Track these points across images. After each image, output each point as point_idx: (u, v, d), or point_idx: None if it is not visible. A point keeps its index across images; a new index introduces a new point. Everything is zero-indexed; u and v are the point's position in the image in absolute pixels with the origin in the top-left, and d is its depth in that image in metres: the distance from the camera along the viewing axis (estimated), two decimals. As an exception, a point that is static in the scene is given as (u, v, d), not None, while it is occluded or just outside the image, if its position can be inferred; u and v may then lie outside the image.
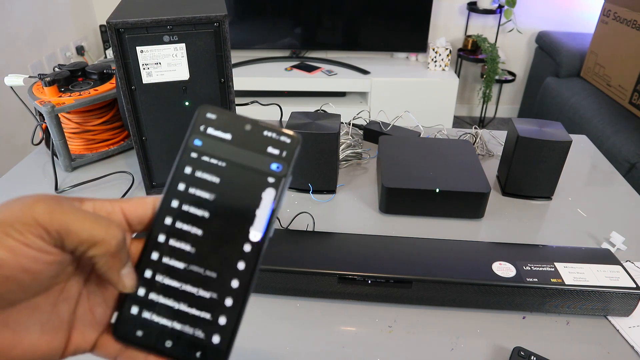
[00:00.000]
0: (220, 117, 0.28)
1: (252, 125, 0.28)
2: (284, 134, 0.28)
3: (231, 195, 0.28)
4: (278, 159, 0.28)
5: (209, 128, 0.28)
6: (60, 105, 0.82)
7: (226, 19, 0.70)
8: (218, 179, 0.28)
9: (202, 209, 0.28)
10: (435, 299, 0.60)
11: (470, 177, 0.78)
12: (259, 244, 0.27)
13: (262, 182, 0.28)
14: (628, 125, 1.84)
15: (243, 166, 0.28)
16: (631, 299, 0.58)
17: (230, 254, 0.27)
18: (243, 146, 0.28)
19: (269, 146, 0.28)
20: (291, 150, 0.28)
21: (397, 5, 2.47)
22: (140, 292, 0.27)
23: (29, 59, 2.10)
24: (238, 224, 0.27)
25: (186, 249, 0.28)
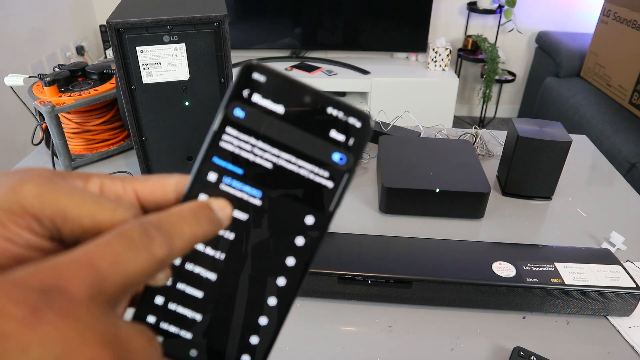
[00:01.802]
0: (272, 81, 0.21)
1: (313, 97, 0.21)
2: (354, 113, 0.21)
3: (277, 191, 0.22)
4: (342, 148, 0.21)
5: (255, 94, 0.21)
6: (60, 105, 0.82)
7: (226, 19, 0.70)
8: (264, 168, 0.22)
9: (239, 207, 0.22)
10: (435, 299, 0.60)
11: (470, 177, 0.78)
12: (306, 255, 0.22)
13: (320, 177, 0.22)
14: (628, 125, 1.84)
15: (297, 152, 0.21)
16: (631, 299, 0.58)
17: (271, 266, 0.22)
18: (299, 125, 0.21)
19: (332, 129, 0.21)
20: (361, 137, 0.21)
21: (397, 5, 2.47)
22: (158, 300, 0.22)
23: (29, 59, 2.10)
24: (283, 230, 0.22)
25: (216, 255, 0.22)
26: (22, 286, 0.15)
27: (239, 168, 0.22)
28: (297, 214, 0.22)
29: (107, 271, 0.17)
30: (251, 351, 0.23)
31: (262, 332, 0.23)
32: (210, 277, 0.22)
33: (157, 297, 0.22)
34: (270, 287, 0.23)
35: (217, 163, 0.22)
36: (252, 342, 0.23)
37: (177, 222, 0.20)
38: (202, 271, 0.22)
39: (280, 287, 0.23)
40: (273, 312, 0.23)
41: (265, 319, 0.23)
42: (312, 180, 0.22)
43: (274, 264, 0.22)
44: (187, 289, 0.22)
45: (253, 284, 0.22)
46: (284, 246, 0.22)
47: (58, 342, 0.15)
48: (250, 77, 0.21)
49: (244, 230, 0.22)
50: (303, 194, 0.22)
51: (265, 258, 0.22)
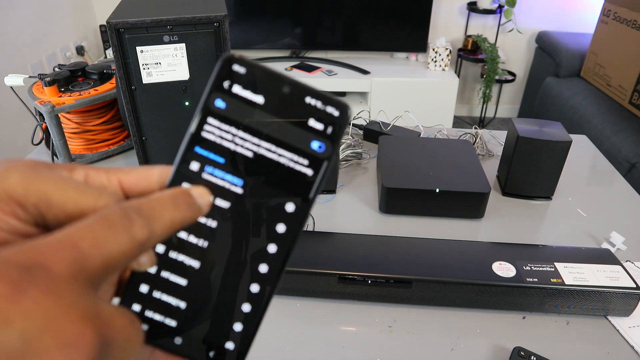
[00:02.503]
0: (251, 72, 0.22)
1: (292, 88, 0.22)
2: (333, 103, 0.22)
3: (258, 179, 0.22)
4: (321, 136, 0.22)
5: (236, 85, 0.22)
6: (60, 105, 0.82)
7: (226, 19, 0.70)
8: (245, 157, 0.22)
9: (221, 196, 0.22)
10: (435, 299, 0.60)
11: (470, 177, 0.78)
12: (287, 242, 0.23)
13: (299, 165, 0.22)
14: (628, 125, 1.84)
15: (277, 141, 0.22)
16: (631, 299, 0.58)
17: (253, 252, 0.23)
18: (278, 115, 0.22)
19: (311, 118, 0.22)
20: (339, 126, 0.22)
21: (397, 5, 2.47)
22: (143, 288, 0.23)
23: (29, 59, 2.10)
24: (264, 217, 0.23)
25: (199, 243, 0.23)
26: (4, 263, 0.16)
27: (220, 157, 0.22)
28: (278, 202, 0.22)
29: (88, 251, 0.17)
30: (235, 338, 0.23)
31: (245, 319, 0.23)
32: (193, 264, 0.23)
33: (142, 285, 0.23)
34: (253, 274, 0.23)
35: (199, 153, 0.22)
36: (236, 330, 0.23)
37: (157, 206, 0.20)
38: (185, 259, 0.23)
39: (262, 274, 0.23)
40: (256, 299, 0.23)
41: (249, 306, 0.23)
42: (292, 169, 0.22)
43: (256, 251, 0.23)
44: (171, 277, 0.23)
45: (236, 271, 0.23)
46: (266, 233, 0.23)
47: (40, 316, 0.15)
48: (230, 68, 0.22)
49: (226, 218, 0.23)
50: (283, 181, 0.22)
51: (247, 245, 0.23)
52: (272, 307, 0.23)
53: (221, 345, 0.23)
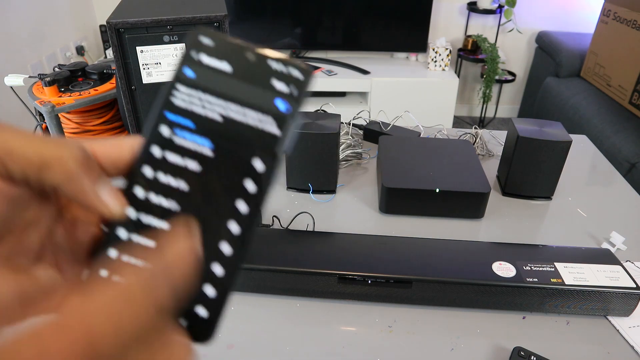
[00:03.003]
0: (217, 42, 0.24)
1: (255, 54, 0.24)
2: (295, 65, 0.24)
3: (227, 139, 0.23)
4: (285, 96, 0.24)
5: (203, 55, 0.24)
6: (60, 105, 0.82)
7: (226, 19, 0.70)
8: (213, 120, 0.24)
9: (188, 156, 0.23)
10: (435, 299, 0.60)
11: (470, 177, 0.78)
12: (256, 200, 0.23)
13: (266, 124, 0.23)
14: (628, 125, 1.84)
15: (243, 103, 0.24)
16: (631, 299, 0.58)
17: (222, 212, 0.23)
18: (244, 79, 0.24)
19: (275, 80, 0.24)
20: (301, 86, 0.24)
21: (397, 5, 2.47)
22: (112, 254, 0.23)
23: (29, 59, 2.10)
24: (233, 176, 0.23)
25: (167, 205, 0.23)
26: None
27: (189, 121, 0.24)
28: (247, 161, 0.23)
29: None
30: (207, 303, 0.23)
31: (217, 283, 0.23)
32: (164, 227, 0.23)
33: (111, 250, 0.23)
34: (224, 233, 0.23)
35: (170, 118, 0.24)
36: (207, 293, 0.23)
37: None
38: (156, 222, 0.23)
39: (233, 234, 0.23)
40: (227, 260, 0.23)
41: (220, 267, 0.23)
42: (258, 127, 0.23)
43: (227, 210, 0.23)
44: (141, 240, 0.23)
45: (207, 232, 0.23)
46: (236, 192, 0.23)
47: None
48: (198, 41, 0.24)
49: (195, 179, 0.23)
50: (251, 140, 0.23)
51: (218, 205, 0.23)
52: (272, 307, 0.23)
53: (191, 310, 0.23)
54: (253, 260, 0.60)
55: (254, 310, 0.60)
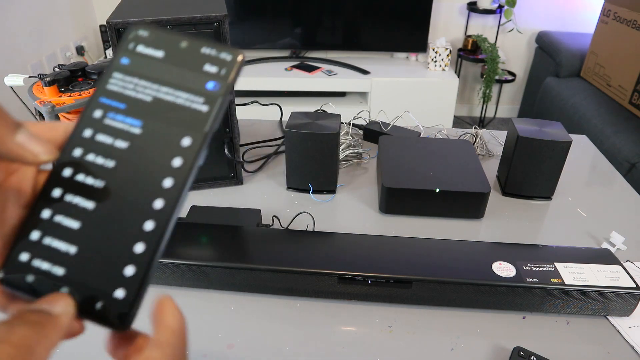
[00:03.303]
0: (153, 35, 0.26)
1: (188, 42, 0.25)
2: (224, 50, 0.25)
3: (157, 119, 0.24)
4: (215, 77, 0.25)
5: (140, 46, 0.25)
6: (60, 105, 0.82)
7: (226, 19, 0.70)
8: (145, 102, 0.25)
9: (120, 137, 0.24)
10: (435, 299, 0.60)
11: (470, 177, 0.78)
12: (183, 176, 0.24)
13: (196, 104, 0.25)
14: (628, 125, 1.84)
15: (174, 85, 0.25)
16: (631, 299, 0.58)
17: (148, 189, 0.24)
18: (176, 64, 0.25)
19: (206, 64, 0.25)
20: (231, 67, 0.25)
21: (397, 5, 2.47)
22: (34, 236, 0.23)
23: (29, 59, 2.10)
24: (161, 153, 0.24)
25: (96, 184, 0.24)
26: None
27: (121, 104, 0.25)
28: (175, 138, 0.24)
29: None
30: (126, 284, 0.23)
31: (137, 261, 0.23)
32: (88, 206, 0.24)
33: (34, 232, 0.23)
34: (148, 210, 0.23)
35: (103, 102, 0.25)
36: (127, 274, 0.23)
37: None
38: (81, 201, 0.24)
39: (157, 210, 0.23)
40: (149, 237, 0.23)
41: (142, 245, 0.23)
42: (188, 107, 0.24)
43: (152, 186, 0.24)
44: (64, 220, 0.23)
45: (131, 209, 0.23)
46: (162, 169, 0.24)
47: None
48: (136, 33, 0.26)
49: (124, 157, 0.24)
50: (180, 119, 0.24)
51: (144, 182, 0.24)
52: (272, 307, 0.23)
53: (109, 294, 0.23)
54: (253, 260, 0.60)
55: (254, 310, 0.60)
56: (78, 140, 0.24)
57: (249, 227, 0.68)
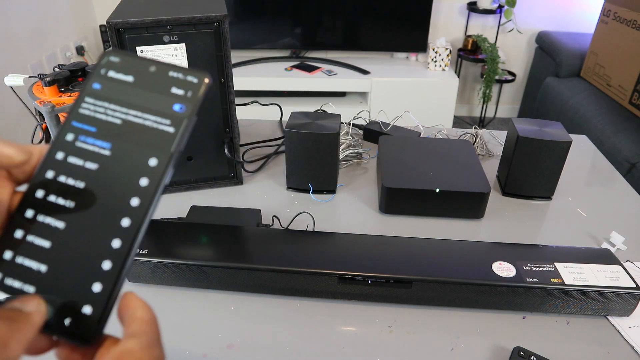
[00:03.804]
0: (124, 60, 0.27)
1: (156, 67, 0.27)
2: (190, 73, 0.26)
3: (125, 141, 0.25)
4: (182, 100, 0.26)
5: (111, 71, 0.27)
6: (60, 105, 0.82)
7: (226, 19, 0.70)
8: (114, 124, 0.26)
9: (91, 159, 0.25)
10: (435, 299, 0.60)
11: (470, 177, 0.78)
12: (149, 195, 0.25)
13: (163, 125, 0.26)
14: (628, 125, 1.84)
15: (143, 108, 0.26)
16: (631, 299, 0.58)
17: (116, 208, 0.25)
18: (145, 88, 0.26)
19: (172, 87, 0.26)
20: (197, 90, 0.26)
21: (397, 5, 2.47)
22: (7, 255, 0.24)
23: (29, 59, 2.10)
24: (129, 174, 0.25)
25: (67, 204, 0.25)
26: None
27: (92, 127, 0.26)
28: (142, 158, 0.25)
29: None
30: (93, 300, 0.24)
31: (105, 278, 0.24)
32: (59, 226, 0.24)
33: (7, 252, 0.24)
34: (115, 229, 0.24)
35: (75, 125, 0.26)
36: (95, 290, 0.24)
37: None
38: (52, 221, 0.25)
39: (124, 228, 0.24)
40: (117, 255, 0.24)
41: (109, 263, 0.24)
42: (155, 128, 0.26)
43: (120, 205, 0.25)
44: (36, 240, 0.24)
45: (98, 228, 0.24)
46: (129, 188, 0.25)
47: None
48: (108, 59, 0.27)
49: (94, 178, 0.25)
50: (148, 140, 0.25)
51: (111, 201, 0.25)
52: (272, 307, 0.23)
53: (78, 310, 0.23)
54: (253, 260, 0.60)
55: (254, 310, 0.60)
56: (51, 163, 0.25)
57: (249, 227, 0.68)
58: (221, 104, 0.77)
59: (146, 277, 0.62)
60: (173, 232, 0.65)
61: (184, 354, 0.55)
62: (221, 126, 0.79)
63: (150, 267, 0.61)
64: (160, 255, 0.61)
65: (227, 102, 0.77)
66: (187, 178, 0.83)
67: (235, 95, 0.77)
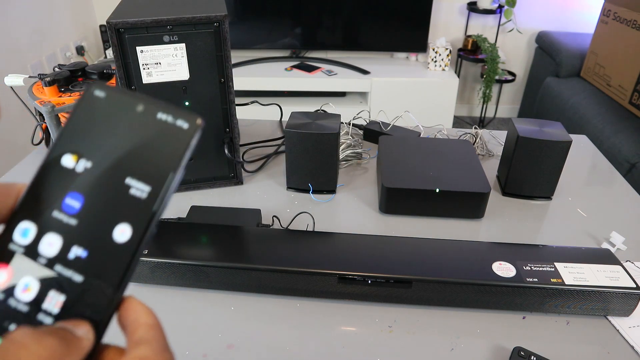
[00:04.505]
0: (110, 96, 0.24)
1: (145, 106, 0.24)
2: (182, 116, 0.24)
3: (99, 201, 0.24)
4: (168, 149, 0.24)
5: (94, 108, 0.25)
6: (60, 105, 0.82)
7: (226, 19, 0.70)
8: (91, 173, 0.24)
9: (68, 212, 0.24)
10: (435, 299, 0.60)
11: (470, 177, 0.78)
12: (131, 258, 0.23)
13: (139, 186, 0.24)
14: (628, 125, 1.84)
15: (124, 156, 0.24)
16: (631, 299, 0.58)
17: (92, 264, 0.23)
18: (128, 133, 0.24)
19: (159, 132, 0.24)
20: (187, 137, 0.24)
21: (397, 5, 2.47)
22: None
23: (29, 59, 2.10)
24: (107, 228, 0.23)
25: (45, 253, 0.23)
26: None
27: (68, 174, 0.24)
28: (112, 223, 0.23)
29: None
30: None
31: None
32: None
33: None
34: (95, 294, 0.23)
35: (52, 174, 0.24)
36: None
37: None
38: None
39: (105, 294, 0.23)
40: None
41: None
42: (133, 187, 0.23)
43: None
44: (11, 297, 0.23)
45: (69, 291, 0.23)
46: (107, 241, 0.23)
47: None
48: (92, 93, 0.25)
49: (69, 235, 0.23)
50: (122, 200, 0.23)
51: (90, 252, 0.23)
52: (272, 307, 0.23)
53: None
54: (253, 260, 0.60)
55: (254, 310, 0.60)
56: (26, 206, 0.24)
57: (249, 227, 0.68)
58: (221, 104, 0.77)
59: (146, 277, 0.62)
60: (173, 232, 0.65)
61: (184, 354, 0.55)
62: (221, 126, 0.79)
63: (150, 267, 0.61)
64: (160, 255, 0.61)
65: (227, 102, 0.77)
66: (187, 178, 0.83)
67: (235, 95, 0.77)
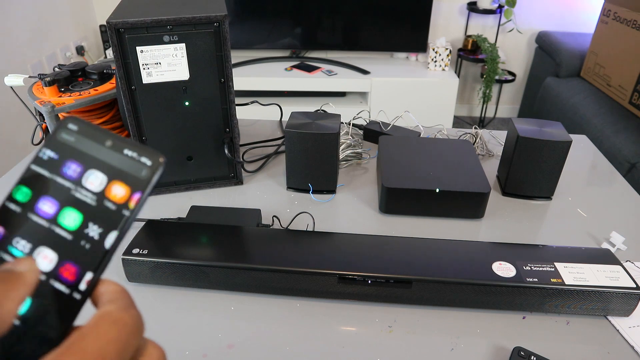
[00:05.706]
0: (82, 129, 0.26)
1: (113, 142, 0.26)
2: (146, 153, 0.26)
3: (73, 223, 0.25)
4: (133, 182, 0.26)
5: (67, 139, 0.26)
6: (60, 105, 0.82)
7: (226, 19, 0.70)
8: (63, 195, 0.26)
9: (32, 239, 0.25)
10: (435, 299, 0.60)
11: (470, 177, 0.78)
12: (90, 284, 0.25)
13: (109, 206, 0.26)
14: (628, 125, 1.84)
15: (91, 185, 0.26)
16: (631, 299, 0.58)
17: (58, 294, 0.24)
18: (96, 164, 0.26)
19: (125, 167, 0.26)
20: (150, 173, 0.25)
21: (397, 5, 2.47)
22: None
23: (29, 59, 2.10)
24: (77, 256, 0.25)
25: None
26: None
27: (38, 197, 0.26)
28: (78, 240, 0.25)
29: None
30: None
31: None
32: None
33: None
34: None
35: (19, 199, 0.26)
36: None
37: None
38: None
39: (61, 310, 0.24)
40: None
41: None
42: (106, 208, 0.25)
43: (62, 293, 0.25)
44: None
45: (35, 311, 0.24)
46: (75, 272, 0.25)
47: None
48: (66, 126, 0.26)
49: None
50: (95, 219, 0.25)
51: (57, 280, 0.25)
52: (272, 307, 0.23)
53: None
54: (253, 260, 0.60)
55: (254, 310, 0.60)
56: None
57: (249, 227, 0.68)
58: (221, 104, 0.77)
59: (146, 277, 0.62)
60: (173, 232, 0.65)
61: (184, 354, 0.55)
62: (221, 126, 0.79)
63: (150, 267, 0.61)
64: (160, 255, 0.61)
65: (227, 102, 0.77)
66: (187, 178, 0.83)
67: (235, 95, 0.77)
